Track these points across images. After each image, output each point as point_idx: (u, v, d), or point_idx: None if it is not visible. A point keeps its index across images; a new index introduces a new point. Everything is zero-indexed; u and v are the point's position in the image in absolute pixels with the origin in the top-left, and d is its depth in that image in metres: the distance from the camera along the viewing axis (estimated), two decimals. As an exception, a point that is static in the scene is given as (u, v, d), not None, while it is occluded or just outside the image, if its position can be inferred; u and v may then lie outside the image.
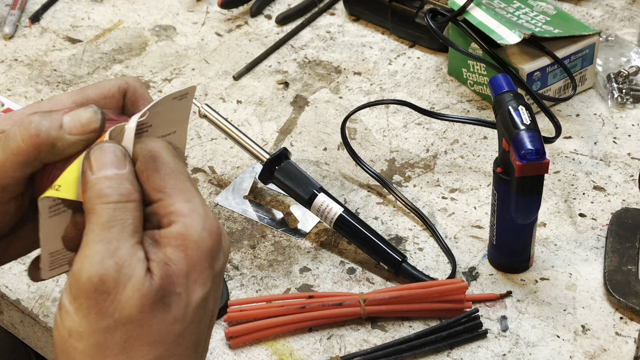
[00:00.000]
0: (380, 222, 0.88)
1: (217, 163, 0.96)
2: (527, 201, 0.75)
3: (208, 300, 0.52)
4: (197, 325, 0.52)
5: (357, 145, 0.97)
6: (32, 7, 1.21)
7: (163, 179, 0.52)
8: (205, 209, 0.52)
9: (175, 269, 0.51)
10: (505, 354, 0.76)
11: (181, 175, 0.53)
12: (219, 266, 0.53)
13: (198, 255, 0.51)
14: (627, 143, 0.95)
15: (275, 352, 0.77)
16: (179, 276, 0.51)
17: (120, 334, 0.49)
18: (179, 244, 0.51)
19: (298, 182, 0.85)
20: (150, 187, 0.52)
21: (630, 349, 0.75)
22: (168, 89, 1.06)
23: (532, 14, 1.00)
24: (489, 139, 0.97)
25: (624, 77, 1.01)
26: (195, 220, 0.52)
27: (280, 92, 1.05)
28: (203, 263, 0.52)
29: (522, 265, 0.82)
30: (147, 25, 1.18)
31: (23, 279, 0.84)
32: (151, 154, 0.52)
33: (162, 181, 0.52)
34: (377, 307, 0.77)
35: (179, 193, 0.52)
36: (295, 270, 0.84)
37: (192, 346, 0.52)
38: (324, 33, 1.15)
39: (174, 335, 0.51)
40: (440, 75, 1.06)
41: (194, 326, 0.52)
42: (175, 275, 0.51)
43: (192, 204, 0.52)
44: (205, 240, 0.52)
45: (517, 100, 0.75)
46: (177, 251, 0.51)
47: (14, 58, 1.13)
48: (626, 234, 0.83)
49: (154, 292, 0.50)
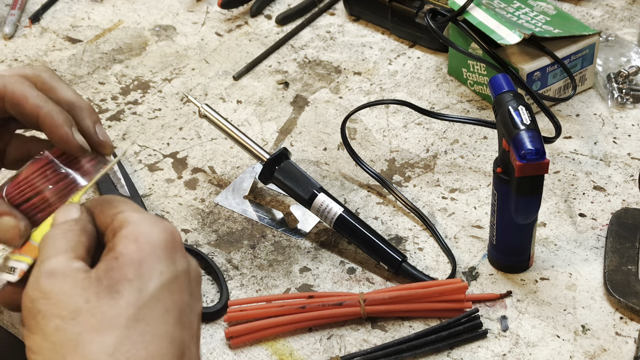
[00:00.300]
0: (380, 222, 0.88)
1: (217, 163, 0.96)
2: (527, 201, 0.75)
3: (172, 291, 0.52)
4: (161, 314, 0.51)
5: (357, 145, 0.97)
6: (32, 7, 1.21)
7: (116, 206, 0.56)
8: (157, 218, 0.55)
9: (126, 259, 0.52)
10: (505, 354, 0.76)
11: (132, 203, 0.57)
12: (182, 265, 0.54)
13: (150, 246, 0.53)
14: (627, 143, 0.95)
15: (275, 352, 0.77)
16: (130, 265, 0.52)
17: (72, 329, 0.50)
18: (130, 238, 0.53)
19: (298, 182, 0.85)
20: (106, 216, 0.56)
21: (630, 349, 0.75)
22: (168, 89, 1.07)
23: (532, 14, 1.00)
24: (489, 139, 0.97)
25: (624, 77, 1.01)
26: (146, 221, 0.54)
27: (280, 92, 1.05)
28: (157, 252, 0.53)
29: (522, 265, 0.82)
30: (147, 25, 1.18)
31: (23, 279, 0.84)
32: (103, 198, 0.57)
33: (115, 208, 0.56)
34: (377, 307, 0.77)
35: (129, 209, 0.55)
36: (295, 270, 0.84)
37: (159, 335, 0.51)
38: (324, 33, 1.15)
39: (126, 319, 0.50)
40: (440, 75, 1.06)
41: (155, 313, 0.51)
42: (126, 265, 0.52)
43: (142, 213, 0.55)
44: (157, 234, 0.53)
45: (517, 100, 0.75)
46: (128, 244, 0.53)
47: (14, 58, 1.13)
48: (626, 234, 0.83)
49: (95, 283, 0.51)
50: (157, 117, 1.03)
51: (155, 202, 0.92)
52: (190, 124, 1.01)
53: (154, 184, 0.94)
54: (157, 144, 0.99)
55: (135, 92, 1.06)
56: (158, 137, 1.00)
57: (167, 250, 0.53)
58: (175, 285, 0.53)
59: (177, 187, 0.93)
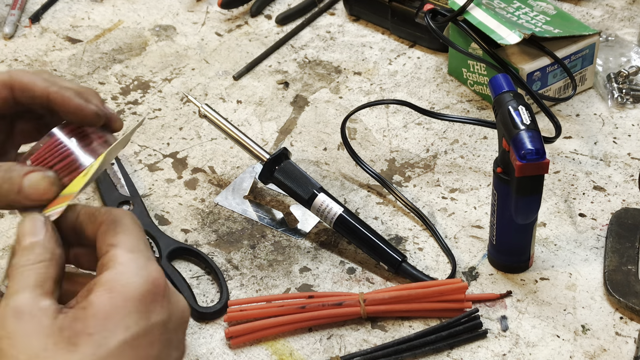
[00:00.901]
0: (380, 222, 0.88)
1: (217, 163, 0.96)
2: (527, 201, 0.75)
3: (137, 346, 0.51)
4: None
5: (357, 145, 0.97)
6: (32, 7, 1.21)
7: (116, 236, 0.56)
8: (147, 262, 0.54)
9: (93, 311, 0.52)
10: (505, 354, 0.76)
11: (135, 234, 0.56)
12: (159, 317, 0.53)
13: (124, 299, 0.52)
14: (627, 143, 0.95)
15: (275, 352, 0.77)
16: (95, 318, 0.51)
17: None
18: (106, 287, 0.53)
19: (298, 182, 0.85)
20: (105, 243, 0.55)
21: (630, 349, 0.75)
22: (168, 89, 1.07)
23: (532, 14, 1.00)
24: (489, 139, 0.97)
25: (624, 77, 1.01)
26: (130, 267, 0.53)
27: (280, 92, 1.05)
28: (129, 306, 0.52)
29: (522, 265, 0.82)
30: (147, 25, 1.18)
31: (23, 279, 0.84)
32: (113, 218, 0.57)
33: (114, 238, 0.55)
34: (377, 307, 0.77)
35: (125, 246, 0.55)
36: (295, 270, 0.84)
37: None
38: (324, 33, 1.15)
39: None
40: (440, 75, 1.06)
41: None
42: (91, 317, 0.51)
43: (134, 254, 0.54)
44: (136, 286, 0.53)
45: (517, 100, 0.75)
46: (102, 294, 0.52)
47: (14, 58, 1.13)
48: (626, 234, 0.83)
49: (57, 332, 0.51)
50: (157, 117, 1.03)
51: (155, 202, 0.92)
52: (190, 124, 1.01)
53: (154, 184, 0.94)
54: (157, 144, 0.99)
55: (135, 92, 1.06)
56: (158, 137, 1.00)
57: (141, 303, 0.52)
58: (144, 339, 0.52)
59: (177, 187, 0.93)
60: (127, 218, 0.57)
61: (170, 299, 0.55)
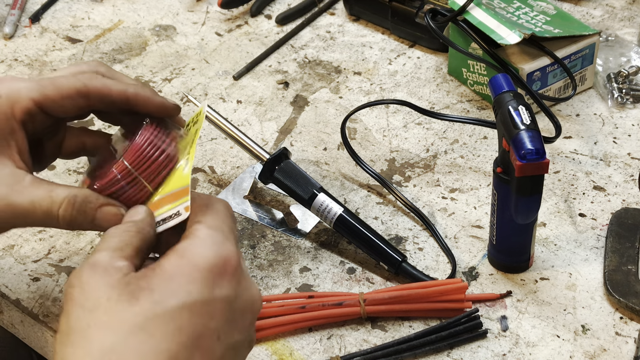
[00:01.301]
0: (380, 222, 0.88)
1: (217, 163, 0.96)
2: (527, 201, 0.75)
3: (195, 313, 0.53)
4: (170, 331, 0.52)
5: (357, 145, 0.97)
6: (32, 7, 1.21)
7: (204, 215, 0.58)
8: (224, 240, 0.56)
9: (160, 271, 0.54)
10: (505, 354, 0.76)
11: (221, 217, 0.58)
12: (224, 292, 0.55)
13: (191, 266, 0.54)
14: (627, 143, 0.95)
15: (275, 352, 0.77)
16: (159, 277, 0.53)
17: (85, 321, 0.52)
18: (178, 254, 0.55)
19: (298, 182, 0.85)
20: (192, 221, 0.58)
21: (630, 349, 0.75)
22: (168, 89, 1.07)
23: (532, 14, 1.00)
24: (489, 139, 0.97)
25: (624, 77, 1.01)
26: (206, 241, 0.56)
27: (280, 92, 1.05)
28: (195, 274, 0.54)
29: (522, 265, 0.82)
30: (147, 25, 1.18)
31: (23, 278, 0.84)
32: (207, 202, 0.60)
33: (202, 217, 0.58)
34: (377, 307, 0.77)
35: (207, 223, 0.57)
36: (295, 270, 0.84)
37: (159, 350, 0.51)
38: (324, 33, 1.15)
39: (131, 325, 0.51)
40: (440, 75, 1.06)
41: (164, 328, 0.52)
42: (156, 276, 0.53)
43: (213, 231, 0.57)
44: (206, 256, 0.55)
45: (517, 100, 0.75)
46: (172, 259, 0.54)
47: (14, 58, 1.13)
48: (626, 234, 0.83)
49: (123, 285, 0.53)
50: (157, 117, 1.03)
51: (155, 202, 0.92)
52: (190, 124, 1.01)
53: (154, 184, 0.94)
54: (157, 144, 0.99)
55: (135, 92, 1.06)
56: (158, 137, 1.00)
57: (208, 274, 0.54)
58: (203, 308, 0.53)
59: (177, 187, 0.93)
60: (220, 203, 0.60)
61: (241, 281, 0.57)
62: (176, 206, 0.61)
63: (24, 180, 0.63)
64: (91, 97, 0.65)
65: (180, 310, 0.52)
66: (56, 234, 0.88)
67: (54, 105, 0.65)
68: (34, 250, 0.87)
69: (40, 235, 0.88)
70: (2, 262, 0.85)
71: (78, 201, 0.62)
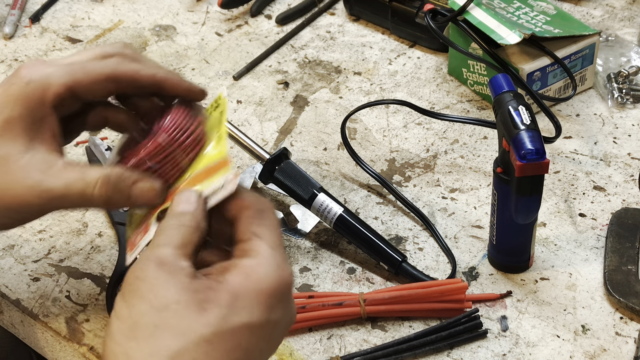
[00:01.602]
0: (380, 222, 0.88)
1: (217, 163, 0.96)
2: (527, 201, 0.75)
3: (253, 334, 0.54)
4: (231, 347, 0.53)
5: (357, 145, 0.97)
6: (32, 7, 1.21)
7: (261, 228, 0.58)
8: (283, 261, 0.57)
9: (228, 287, 0.55)
10: (505, 354, 0.76)
11: (277, 231, 0.59)
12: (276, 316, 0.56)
13: (257, 288, 0.55)
14: (627, 143, 0.95)
15: (275, 352, 0.77)
16: (227, 293, 0.54)
17: (153, 319, 0.53)
18: (245, 272, 0.56)
19: (298, 182, 0.85)
20: (249, 230, 0.58)
21: (630, 349, 0.75)
22: (168, 89, 1.07)
23: (532, 14, 1.00)
24: (489, 139, 0.97)
25: (624, 77, 1.01)
26: (270, 262, 0.56)
27: (280, 92, 1.05)
28: (258, 297, 0.55)
29: (522, 265, 0.82)
30: (147, 25, 1.18)
31: (23, 279, 0.84)
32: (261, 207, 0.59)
33: (260, 229, 0.58)
34: (377, 307, 0.77)
35: (268, 240, 0.58)
36: (295, 270, 0.84)
37: None
38: (324, 33, 1.15)
39: (199, 335, 0.53)
40: (440, 75, 1.06)
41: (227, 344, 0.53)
42: (224, 291, 0.54)
43: (275, 251, 0.57)
44: (270, 280, 0.56)
45: (517, 100, 0.75)
46: (239, 276, 0.55)
47: (14, 58, 1.13)
48: (626, 234, 0.83)
49: (192, 291, 0.54)
50: (157, 117, 1.03)
51: (155, 202, 0.91)
52: (190, 124, 1.01)
53: (154, 184, 0.94)
54: (157, 144, 0.99)
55: (135, 92, 1.06)
56: (158, 137, 1.00)
57: (269, 298, 0.55)
58: (260, 331, 0.55)
59: (177, 187, 0.93)
60: (272, 212, 0.60)
61: (290, 302, 0.58)
62: (218, 179, 0.61)
63: (56, 164, 0.64)
64: (121, 81, 0.66)
65: (242, 330, 0.54)
66: (56, 234, 0.88)
67: (84, 90, 0.66)
68: (34, 250, 0.87)
69: (40, 236, 0.88)
70: (2, 262, 0.85)
71: (112, 180, 0.63)
